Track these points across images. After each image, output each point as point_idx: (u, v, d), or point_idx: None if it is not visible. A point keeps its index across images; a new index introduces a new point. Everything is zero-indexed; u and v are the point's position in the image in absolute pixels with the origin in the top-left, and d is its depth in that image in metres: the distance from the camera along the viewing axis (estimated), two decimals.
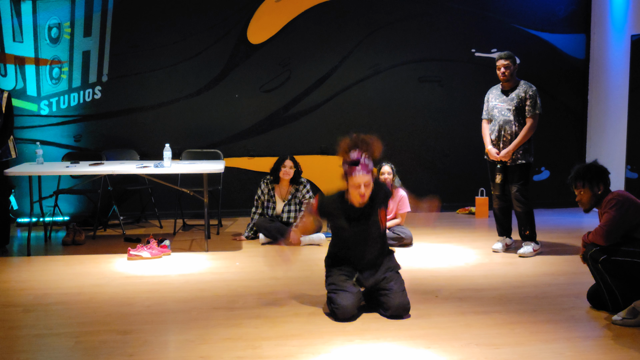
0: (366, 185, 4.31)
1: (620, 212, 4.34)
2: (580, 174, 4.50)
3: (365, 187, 4.31)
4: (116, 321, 4.38)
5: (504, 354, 3.83)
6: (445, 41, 8.22)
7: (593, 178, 4.48)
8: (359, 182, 4.29)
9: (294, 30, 7.97)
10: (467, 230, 7.37)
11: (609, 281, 4.39)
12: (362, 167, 4.28)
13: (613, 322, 4.26)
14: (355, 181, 4.29)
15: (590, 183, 4.47)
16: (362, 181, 4.29)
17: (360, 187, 4.30)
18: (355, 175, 4.28)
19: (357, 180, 4.28)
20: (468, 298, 4.85)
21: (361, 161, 4.29)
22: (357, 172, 4.28)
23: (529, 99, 5.95)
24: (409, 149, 8.26)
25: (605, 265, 4.36)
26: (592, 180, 4.47)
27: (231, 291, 5.02)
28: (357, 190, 4.31)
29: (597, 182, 4.47)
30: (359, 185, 4.29)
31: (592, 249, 4.42)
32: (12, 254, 6.32)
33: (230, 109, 7.97)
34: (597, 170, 4.50)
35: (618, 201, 4.38)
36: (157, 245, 6.10)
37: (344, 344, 3.98)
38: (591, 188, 4.48)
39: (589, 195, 4.49)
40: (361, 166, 4.28)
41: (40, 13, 7.53)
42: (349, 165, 4.32)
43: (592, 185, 4.47)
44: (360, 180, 4.28)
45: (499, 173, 6.09)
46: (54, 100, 7.66)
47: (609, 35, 8.07)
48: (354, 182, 4.30)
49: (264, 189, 6.76)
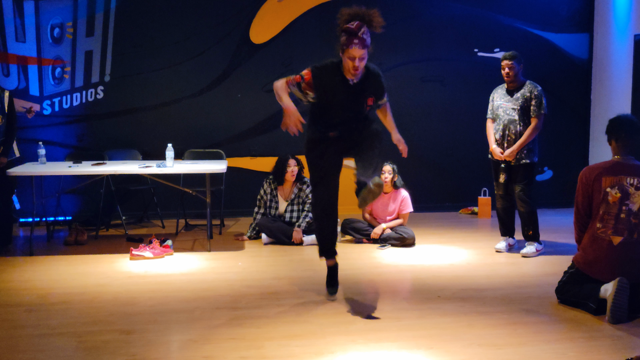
0: (361, 59, 4.25)
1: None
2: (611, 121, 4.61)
3: (359, 61, 4.25)
4: (119, 321, 4.39)
5: (507, 354, 3.82)
6: (448, 41, 8.21)
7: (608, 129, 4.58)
8: (354, 55, 4.23)
9: (297, 30, 7.97)
10: (470, 230, 7.36)
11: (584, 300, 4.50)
12: (359, 40, 4.21)
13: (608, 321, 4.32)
14: (351, 54, 4.23)
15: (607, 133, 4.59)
16: (357, 55, 4.23)
17: (354, 60, 4.25)
18: (351, 47, 4.22)
19: (353, 53, 4.23)
20: (470, 298, 4.85)
21: (359, 34, 4.22)
22: (353, 44, 4.21)
23: (534, 98, 5.94)
24: (411, 149, 8.13)
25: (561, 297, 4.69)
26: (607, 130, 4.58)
27: (234, 291, 5.02)
28: (352, 63, 4.26)
29: (609, 136, 4.57)
30: (354, 57, 4.24)
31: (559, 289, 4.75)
32: (14, 253, 6.33)
33: (233, 109, 7.97)
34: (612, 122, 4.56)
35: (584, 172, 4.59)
36: (159, 245, 6.10)
37: (346, 344, 3.98)
38: (609, 140, 4.58)
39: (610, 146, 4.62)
40: (358, 39, 4.21)
41: (42, 13, 7.53)
42: (346, 36, 4.24)
43: (608, 137, 4.58)
44: (356, 54, 4.23)
45: (503, 173, 6.09)
46: (56, 100, 7.67)
47: (612, 35, 8.06)
48: (349, 54, 4.24)
49: (267, 189, 6.76)
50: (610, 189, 4.42)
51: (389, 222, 6.62)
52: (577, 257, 4.62)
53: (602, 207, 4.43)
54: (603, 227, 4.44)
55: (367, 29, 4.26)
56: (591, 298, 4.41)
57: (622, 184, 4.40)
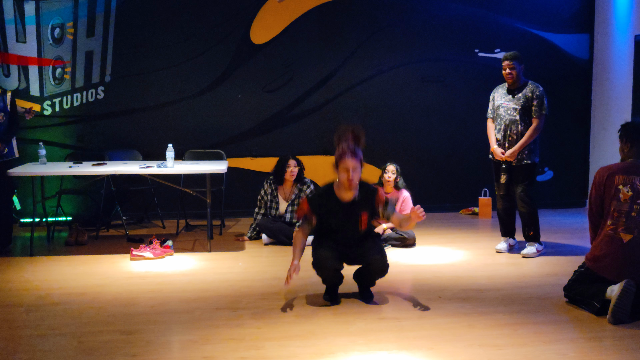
0: (354, 170, 4.52)
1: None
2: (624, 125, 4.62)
3: (353, 172, 4.51)
4: (119, 321, 4.39)
5: (507, 354, 3.82)
6: (448, 41, 8.21)
7: (625, 134, 4.57)
8: (347, 166, 4.50)
9: (297, 30, 7.97)
10: (470, 230, 7.36)
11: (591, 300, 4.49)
12: (351, 153, 4.51)
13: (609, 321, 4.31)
14: (344, 166, 4.51)
15: (621, 137, 4.59)
16: (350, 166, 4.50)
17: (348, 172, 4.50)
18: (345, 159, 4.51)
19: (345, 165, 4.50)
20: (471, 299, 4.84)
21: (350, 147, 4.53)
22: (346, 156, 4.51)
23: (535, 99, 5.93)
24: (411, 149, 8.24)
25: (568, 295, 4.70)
26: (623, 135, 4.58)
27: (234, 291, 5.02)
28: (346, 175, 4.52)
29: (626, 139, 4.56)
30: (347, 169, 4.50)
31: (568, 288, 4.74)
32: (15, 254, 6.33)
33: (233, 109, 7.96)
34: (631, 128, 4.57)
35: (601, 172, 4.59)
36: (159, 246, 6.10)
37: (347, 344, 3.98)
38: (622, 142, 4.59)
39: (620, 147, 4.61)
40: (350, 152, 4.51)
41: (43, 13, 7.53)
42: (340, 151, 4.55)
43: (623, 140, 4.58)
44: (349, 165, 4.50)
45: (504, 173, 6.08)
46: (57, 101, 7.67)
47: (613, 36, 8.05)
48: (343, 166, 4.52)
49: (267, 190, 6.76)
50: (622, 186, 4.45)
51: (389, 223, 6.61)
52: (588, 255, 4.63)
53: (614, 204, 4.45)
54: (613, 224, 4.46)
55: (357, 145, 4.58)
56: (596, 297, 4.41)
57: (634, 182, 4.43)
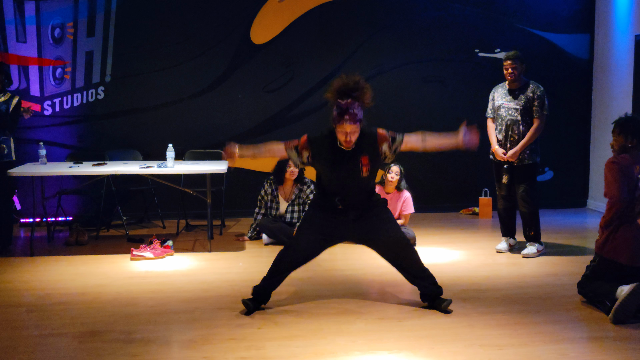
0: (352, 133, 4.37)
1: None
2: (621, 121, 4.65)
3: (351, 134, 4.38)
4: (119, 321, 4.39)
5: (508, 354, 3.82)
6: (448, 41, 8.20)
7: (629, 129, 4.59)
8: (345, 130, 4.36)
9: (297, 30, 7.97)
10: (471, 230, 7.35)
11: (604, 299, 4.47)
12: (349, 116, 4.33)
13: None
14: (342, 129, 4.36)
15: (625, 133, 4.59)
16: (349, 130, 4.36)
17: (346, 135, 4.38)
18: (342, 123, 4.34)
19: (344, 129, 4.36)
20: (471, 299, 4.84)
21: (350, 110, 4.33)
22: (344, 120, 4.33)
23: (537, 99, 5.93)
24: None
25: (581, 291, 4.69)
26: (627, 130, 4.59)
27: (234, 291, 5.02)
28: (343, 137, 4.39)
29: (632, 135, 4.58)
30: (345, 132, 4.37)
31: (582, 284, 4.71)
32: (15, 254, 6.32)
33: (234, 110, 7.96)
34: (636, 124, 4.61)
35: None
36: (160, 246, 6.09)
37: (347, 344, 3.98)
38: (625, 137, 4.59)
39: (620, 143, 4.61)
40: (349, 115, 4.32)
41: (43, 13, 7.53)
42: (337, 112, 4.36)
43: (626, 135, 4.58)
44: (347, 129, 4.35)
45: (505, 174, 6.06)
46: (57, 101, 7.66)
47: (613, 35, 8.05)
48: (340, 129, 4.37)
49: (267, 190, 6.76)
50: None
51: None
52: (601, 245, 4.57)
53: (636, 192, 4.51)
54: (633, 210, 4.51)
55: (357, 104, 4.39)
56: (608, 296, 4.40)
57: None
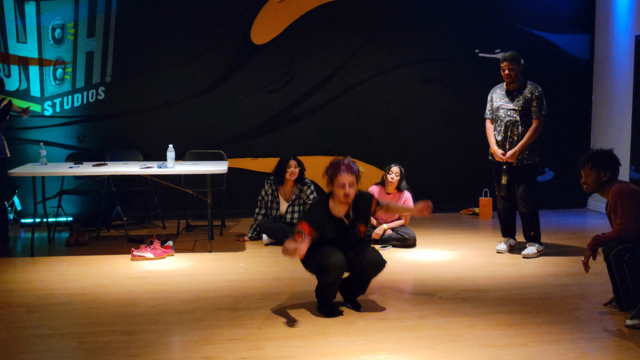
0: (350, 185, 4.35)
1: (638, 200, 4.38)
2: (591, 156, 4.56)
3: (349, 187, 4.35)
4: (120, 321, 4.39)
5: (508, 355, 3.82)
6: (448, 41, 8.21)
7: (602, 162, 4.51)
8: (343, 181, 4.35)
9: (298, 31, 7.97)
10: (471, 231, 7.36)
11: (628, 281, 4.34)
12: (345, 167, 4.36)
13: (626, 326, 4.23)
14: (340, 181, 4.35)
15: (597, 166, 4.50)
16: (347, 181, 4.34)
17: (344, 187, 4.35)
18: (339, 174, 4.34)
19: (342, 180, 4.35)
20: (471, 299, 4.84)
21: (345, 162, 4.38)
22: (341, 171, 4.34)
23: (535, 100, 5.93)
24: (412, 150, 8.25)
25: (630, 264, 4.32)
26: (600, 164, 4.50)
27: (235, 292, 5.02)
28: (342, 190, 4.36)
29: (605, 168, 4.50)
30: (343, 185, 4.35)
31: (615, 247, 4.35)
32: (15, 254, 6.33)
33: (234, 110, 7.97)
34: (608, 156, 4.54)
35: (632, 191, 4.41)
36: (160, 246, 6.10)
37: (347, 344, 3.98)
38: (598, 172, 4.50)
39: (594, 177, 4.52)
40: (345, 166, 4.36)
41: (44, 14, 7.54)
42: (333, 168, 4.40)
43: (599, 169, 4.50)
44: (345, 180, 4.34)
45: (505, 174, 6.07)
46: (57, 101, 7.67)
47: (614, 36, 8.05)
48: (338, 182, 4.36)
49: (268, 190, 6.76)
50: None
51: (390, 223, 6.62)
52: None
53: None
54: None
55: (351, 160, 4.44)
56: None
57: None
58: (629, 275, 4.33)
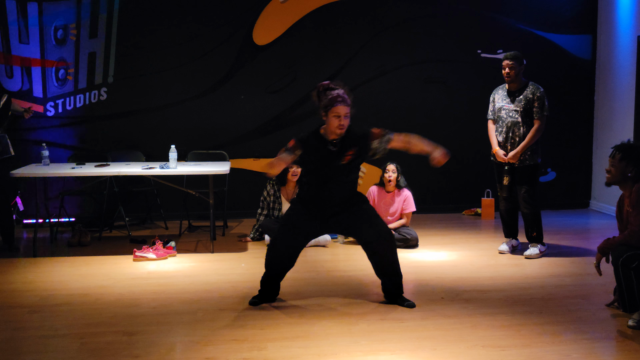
0: (346, 116, 4.49)
1: None
2: (624, 147, 4.45)
3: (344, 119, 4.49)
4: (122, 322, 4.39)
5: (510, 355, 3.82)
6: (450, 42, 8.20)
7: (632, 157, 4.40)
8: (339, 112, 4.47)
9: (300, 31, 7.97)
10: (473, 231, 7.35)
11: (634, 285, 4.30)
12: (342, 98, 4.48)
13: (629, 327, 4.22)
14: (337, 111, 4.46)
15: (626, 160, 4.40)
16: (343, 112, 4.47)
17: (340, 118, 4.47)
18: (336, 106, 4.45)
19: (339, 111, 4.47)
20: (474, 299, 4.84)
21: (342, 93, 4.51)
22: (338, 102, 4.46)
23: (536, 100, 5.92)
24: None
25: (637, 271, 4.25)
26: (629, 158, 4.40)
27: (237, 292, 5.02)
28: (337, 121, 4.48)
29: (634, 164, 4.40)
30: (339, 115, 4.47)
31: (624, 253, 4.29)
32: (18, 255, 6.33)
33: (236, 110, 7.97)
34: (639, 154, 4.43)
35: None
36: (162, 247, 6.10)
37: (349, 345, 3.97)
38: (625, 165, 4.40)
39: (619, 169, 4.43)
40: (341, 97, 4.49)
41: (46, 15, 7.55)
42: (329, 98, 4.48)
43: (627, 163, 4.40)
44: (342, 111, 4.47)
45: (506, 175, 6.06)
46: (59, 102, 7.68)
47: (616, 36, 8.04)
48: (335, 112, 4.46)
49: (270, 190, 6.76)
50: None
51: (392, 223, 6.61)
52: None
53: None
54: None
55: (345, 91, 4.56)
56: None
57: None
58: (636, 281, 4.30)
